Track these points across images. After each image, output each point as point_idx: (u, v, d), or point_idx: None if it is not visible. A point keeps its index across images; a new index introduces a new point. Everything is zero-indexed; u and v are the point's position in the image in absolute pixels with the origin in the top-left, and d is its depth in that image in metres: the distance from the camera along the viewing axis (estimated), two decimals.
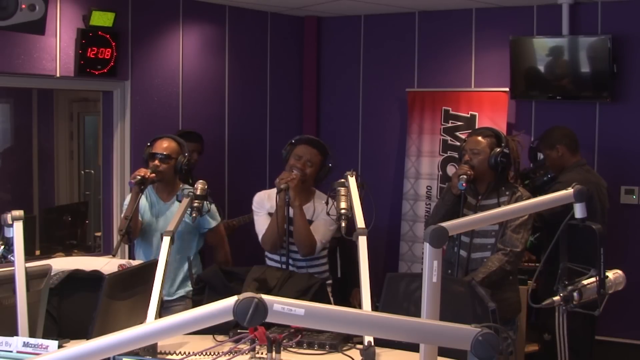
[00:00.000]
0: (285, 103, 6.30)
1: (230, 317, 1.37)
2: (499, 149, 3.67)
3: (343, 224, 3.16)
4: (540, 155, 4.93)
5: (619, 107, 5.29)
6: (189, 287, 3.91)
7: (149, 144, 4.01)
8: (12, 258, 2.69)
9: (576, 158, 4.66)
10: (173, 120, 5.48)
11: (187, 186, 3.98)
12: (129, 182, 3.84)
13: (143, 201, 3.98)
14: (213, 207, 3.82)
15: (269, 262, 3.88)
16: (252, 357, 2.77)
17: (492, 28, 5.71)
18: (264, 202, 3.87)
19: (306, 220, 3.72)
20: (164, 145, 3.94)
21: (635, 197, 5.24)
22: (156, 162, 3.90)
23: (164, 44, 5.44)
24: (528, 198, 3.46)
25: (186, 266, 3.94)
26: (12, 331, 2.55)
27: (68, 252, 5.64)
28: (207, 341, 2.91)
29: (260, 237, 3.86)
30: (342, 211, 3.16)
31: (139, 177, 3.75)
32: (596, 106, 5.37)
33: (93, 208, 6.65)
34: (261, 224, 3.85)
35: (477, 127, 5.47)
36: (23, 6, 4.39)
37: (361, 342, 2.73)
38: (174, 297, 3.97)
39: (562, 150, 4.64)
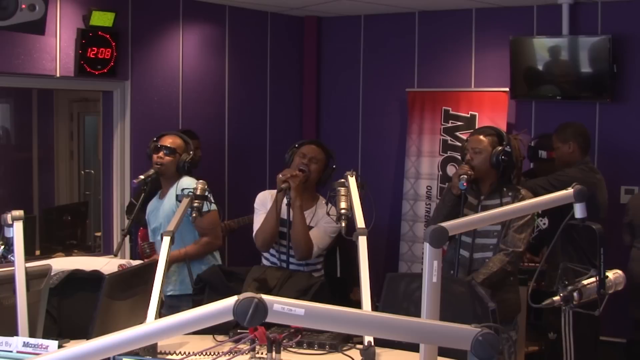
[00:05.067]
0: (285, 103, 6.29)
1: (230, 317, 1.36)
2: (500, 148, 3.65)
3: (343, 224, 3.16)
4: (542, 153, 4.94)
5: (619, 107, 5.29)
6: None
7: (155, 138, 4.06)
8: (12, 258, 2.69)
9: (584, 157, 4.66)
10: (173, 120, 5.47)
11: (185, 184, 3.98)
12: (132, 181, 3.88)
13: (153, 202, 4.11)
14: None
15: (264, 262, 3.82)
16: (252, 357, 2.77)
17: (492, 28, 5.70)
18: (267, 202, 3.80)
19: (306, 224, 3.67)
20: (170, 140, 4.02)
21: None
22: (160, 154, 3.96)
23: (164, 44, 5.43)
24: None
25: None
26: (12, 331, 2.55)
27: (68, 252, 5.63)
28: (207, 341, 2.91)
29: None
30: (342, 211, 3.16)
31: (141, 178, 3.83)
32: (596, 106, 5.37)
33: (93, 208, 6.65)
34: (259, 222, 3.79)
35: (477, 127, 5.46)
36: (23, 6, 4.38)
37: (361, 342, 2.73)
38: (178, 293, 3.98)
39: (574, 147, 4.63)
